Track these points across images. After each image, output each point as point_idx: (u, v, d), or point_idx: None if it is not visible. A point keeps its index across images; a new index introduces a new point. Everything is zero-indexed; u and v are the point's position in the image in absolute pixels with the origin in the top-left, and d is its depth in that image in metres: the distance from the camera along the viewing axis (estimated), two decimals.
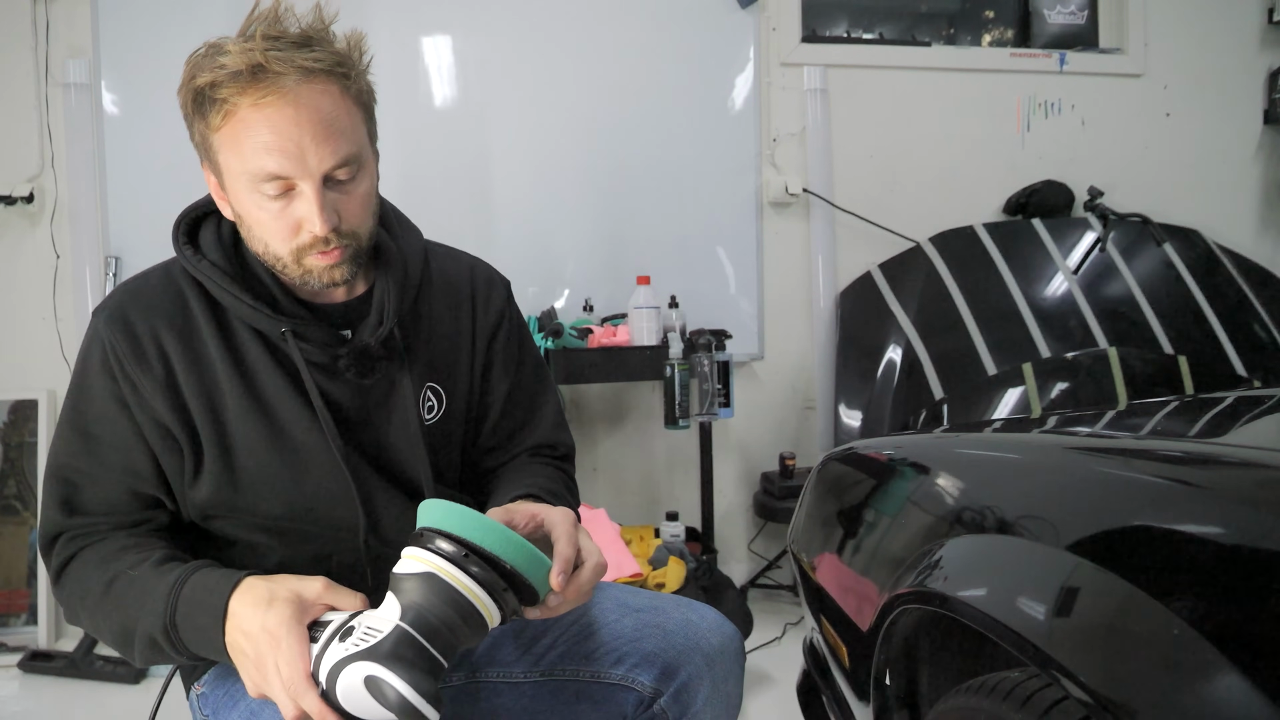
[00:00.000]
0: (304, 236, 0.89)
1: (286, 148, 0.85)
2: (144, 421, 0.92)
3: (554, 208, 2.69)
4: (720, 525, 2.81)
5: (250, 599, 0.80)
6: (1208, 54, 3.00)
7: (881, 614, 0.98)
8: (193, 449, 0.92)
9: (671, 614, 1.02)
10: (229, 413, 0.93)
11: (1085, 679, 0.65)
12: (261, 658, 0.78)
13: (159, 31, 2.50)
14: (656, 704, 0.99)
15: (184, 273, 0.95)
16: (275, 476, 0.94)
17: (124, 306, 0.93)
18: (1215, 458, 0.85)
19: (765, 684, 2.17)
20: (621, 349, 2.40)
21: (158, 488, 0.93)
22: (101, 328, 0.92)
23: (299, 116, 0.85)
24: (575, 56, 2.69)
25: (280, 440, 0.94)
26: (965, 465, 1.02)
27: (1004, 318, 2.62)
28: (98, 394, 0.92)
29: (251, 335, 0.94)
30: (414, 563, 0.78)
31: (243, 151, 0.86)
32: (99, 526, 0.91)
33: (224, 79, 0.85)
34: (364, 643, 0.76)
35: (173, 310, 0.94)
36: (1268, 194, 3.08)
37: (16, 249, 2.53)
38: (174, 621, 0.83)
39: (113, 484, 0.92)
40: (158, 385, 0.91)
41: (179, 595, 0.83)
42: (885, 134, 2.87)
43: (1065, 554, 0.74)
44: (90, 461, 0.92)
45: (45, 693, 2.24)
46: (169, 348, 0.92)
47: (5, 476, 2.51)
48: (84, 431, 0.92)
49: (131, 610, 0.84)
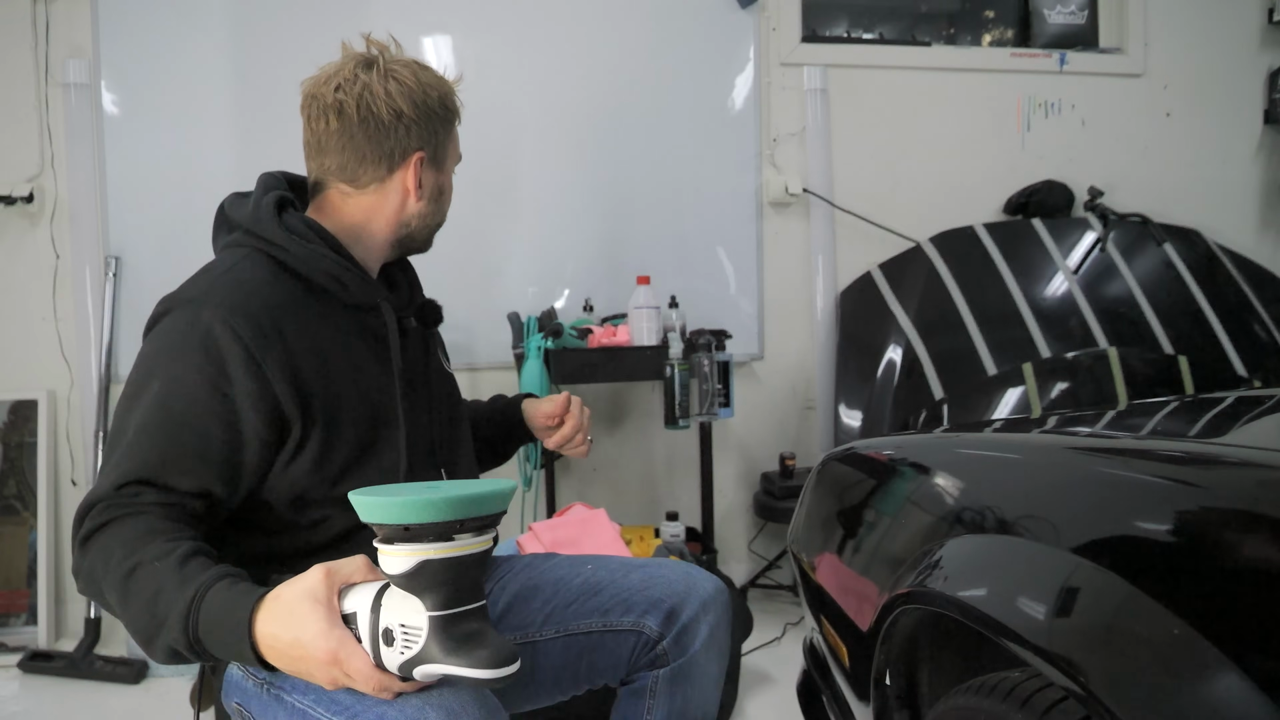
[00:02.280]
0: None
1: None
2: (246, 405, 0.94)
3: (554, 207, 2.70)
4: (720, 525, 2.81)
5: (276, 621, 0.81)
6: (1208, 54, 3.00)
7: (881, 614, 0.98)
8: (303, 423, 0.98)
9: (672, 567, 1.19)
10: (337, 376, 1.01)
11: (1085, 679, 0.66)
12: (325, 667, 0.81)
13: (159, 31, 2.50)
14: (659, 645, 1.12)
15: (266, 258, 1.03)
16: (371, 439, 1.03)
17: (231, 295, 0.97)
18: (1215, 458, 0.85)
19: (765, 684, 2.17)
20: (621, 349, 2.40)
21: (219, 476, 0.94)
22: (211, 317, 0.94)
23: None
24: (575, 56, 2.70)
25: (368, 403, 1.04)
26: (965, 465, 1.02)
27: (1004, 318, 2.62)
28: (191, 379, 0.94)
29: (340, 307, 1.05)
30: (401, 559, 0.79)
31: (456, 142, 1.17)
32: (140, 499, 0.91)
33: (455, 92, 1.15)
34: (413, 645, 0.79)
35: (279, 295, 1.00)
36: (1268, 194, 3.08)
37: (16, 249, 2.53)
38: (197, 637, 0.83)
39: (173, 465, 0.92)
40: (280, 365, 0.96)
41: (199, 612, 0.83)
42: (885, 134, 2.87)
43: (1065, 554, 0.74)
44: (159, 451, 0.92)
45: (45, 693, 2.24)
46: (289, 327, 0.98)
47: (5, 476, 2.51)
48: (165, 421, 0.93)
49: (152, 615, 0.85)
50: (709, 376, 2.30)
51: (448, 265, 1.51)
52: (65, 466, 2.56)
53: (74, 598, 2.54)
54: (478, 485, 0.83)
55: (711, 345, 2.33)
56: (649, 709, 1.14)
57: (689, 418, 2.31)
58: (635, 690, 1.15)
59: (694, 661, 1.14)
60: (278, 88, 2.56)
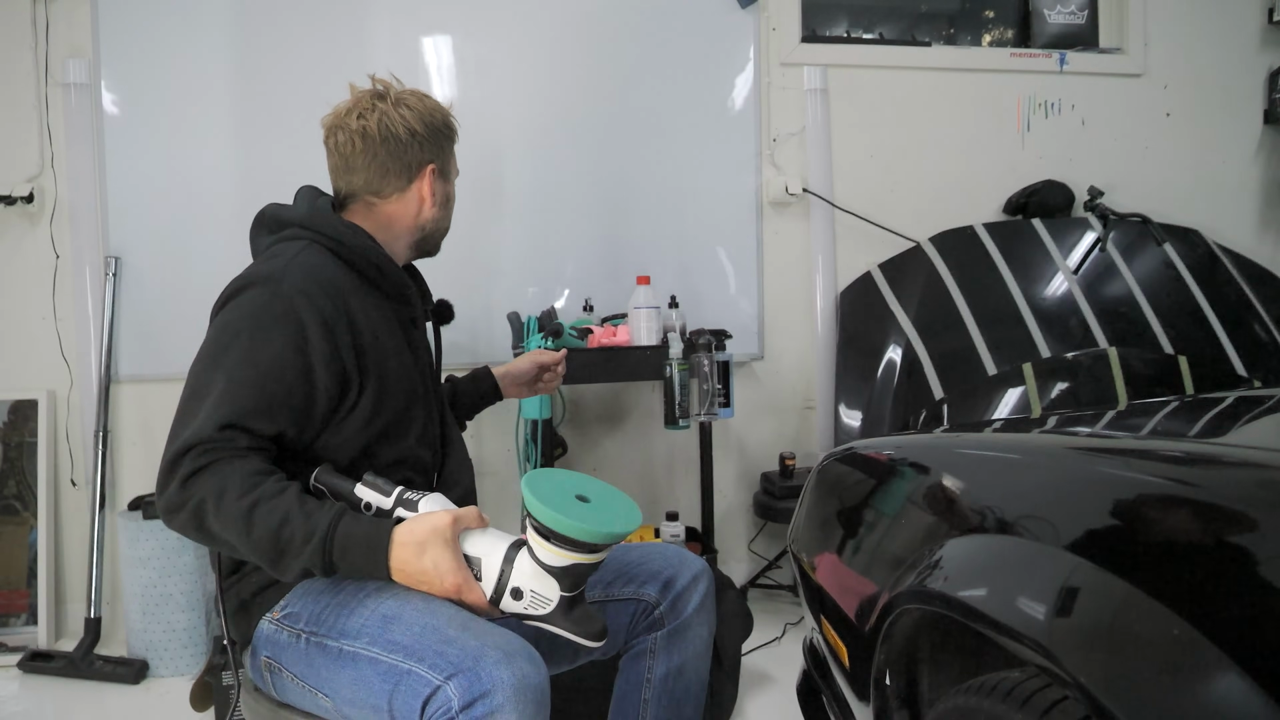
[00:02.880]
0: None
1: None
2: (320, 364, 1.13)
3: (554, 208, 2.70)
4: (720, 525, 2.81)
5: (409, 550, 1.02)
6: (1208, 54, 3.00)
7: (881, 614, 0.98)
8: (359, 385, 1.17)
9: (664, 547, 1.37)
10: (385, 351, 1.22)
11: (1085, 679, 0.66)
12: (447, 593, 1.04)
13: (159, 31, 2.50)
14: (657, 610, 1.27)
15: (323, 249, 1.21)
16: (402, 394, 1.24)
17: (305, 275, 1.16)
18: (1215, 458, 0.85)
19: (765, 684, 2.17)
20: (621, 349, 2.40)
21: (294, 422, 1.12)
22: (291, 291, 1.13)
23: None
24: (575, 56, 2.70)
25: (407, 378, 1.25)
26: (965, 465, 1.03)
27: (1004, 318, 2.62)
28: (280, 349, 1.11)
29: (382, 295, 1.26)
30: (556, 557, 1.03)
31: (456, 159, 1.37)
32: (236, 443, 1.06)
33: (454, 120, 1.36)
34: (541, 608, 1.04)
35: (340, 278, 1.20)
36: (1268, 194, 3.08)
37: (16, 249, 2.53)
38: (332, 563, 1.02)
39: (261, 412, 1.08)
40: (347, 332, 1.16)
41: (333, 540, 1.02)
42: (885, 134, 2.87)
43: (1065, 554, 0.74)
44: (250, 391, 1.08)
45: (45, 693, 2.24)
46: (352, 309, 1.18)
47: (5, 476, 2.51)
48: (257, 377, 1.09)
49: (279, 540, 1.02)
50: (709, 376, 2.30)
51: (448, 265, 1.52)
52: (65, 466, 2.56)
53: (74, 598, 2.54)
54: (620, 519, 1.06)
55: (711, 345, 2.33)
56: (649, 668, 1.27)
57: (689, 418, 2.30)
58: (635, 653, 1.29)
59: (688, 624, 1.28)
60: (278, 88, 2.57)
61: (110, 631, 2.49)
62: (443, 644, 1.01)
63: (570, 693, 1.84)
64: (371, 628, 1.06)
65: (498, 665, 0.97)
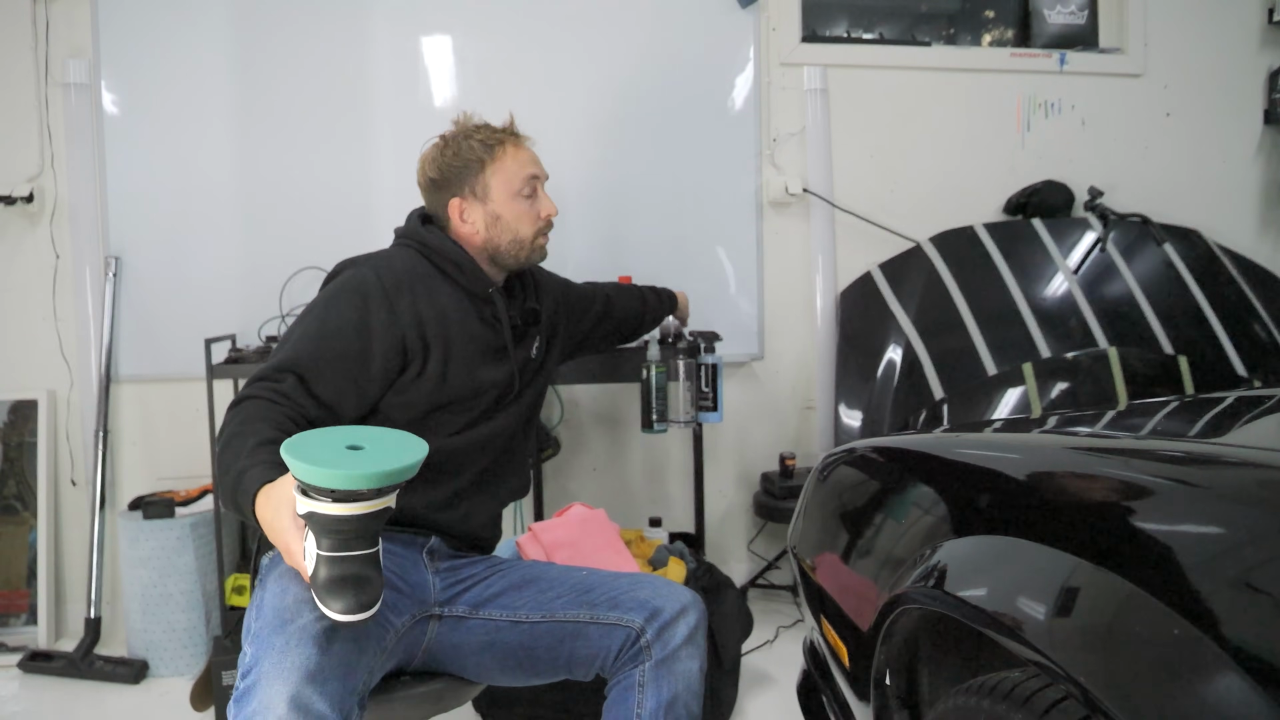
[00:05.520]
0: (541, 221, 1.51)
1: (537, 165, 1.53)
2: (380, 339, 1.33)
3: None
4: (720, 525, 2.82)
5: (266, 511, 1.06)
6: (1208, 54, 3.00)
7: (881, 614, 0.98)
8: (422, 356, 1.37)
9: (656, 578, 1.37)
10: (452, 334, 1.40)
11: (1085, 679, 0.65)
12: (282, 551, 1.06)
13: (159, 31, 2.50)
14: (642, 639, 1.26)
15: (412, 249, 1.45)
16: (473, 375, 1.41)
17: (379, 264, 1.39)
18: (1215, 458, 0.85)
19: (765, 684, 2.17)
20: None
21: (348, 375, 1.30)
22: (366, 273, 1.36)
23: (533, 153, 1.53)
24: (575, 56, 2.70)
25: (476, 353, 1.43)
26: (965, 465, 1.02)
27: (1004, 318, 2.62)
28: (345, 311, 1.33)
29: (463, 292, 1.44)
30: (302, 503, 0.97)
31: (509, 173, 1.48)
32: (280, 387, 1.23)
33: (496, 140, 1.49)
34: (310, 567, 0.99)
35: (412, 269, 1.41)
36: (1268, 194, 3.08)
37: (16, 249, 2.53)
38: (237, 504, 1.11)
39: (317, 373, 1.27)
40: (409, 311, 1.36)
41: (238, 483, 1.10)
42: (885, 134, 2.87)
43: (1065, 554, 0.74)
44: (311, 351, 1.28)
45: (45, 693, 2.24)
46: (417, 290, 1.39)
47: (5, 476, 2.51)
48: (320, 332, 1.31)
49: (224, 476, 1.13)
50: (693, 380, 2.23)
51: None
52: (65, 466, 2.56)
53: (74, 597, 2.54)
54: (371, 460, 0.96)
55: (697, 348, 2.26)
56: (639, 702, 1.25)
57: (665, 422, 2.24)
58: (624, 687, 1.26)
59: (676, 655, 1.26)
60: (278, 88, 2.57)
61: (110, 631, 2.49)
62: (290, 581, 1.11)
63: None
64: (270, 590, 1.15)
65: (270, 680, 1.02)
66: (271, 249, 2.52)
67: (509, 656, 1.32)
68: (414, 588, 1.32)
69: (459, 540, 1.44)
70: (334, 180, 2.58)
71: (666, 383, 2.20)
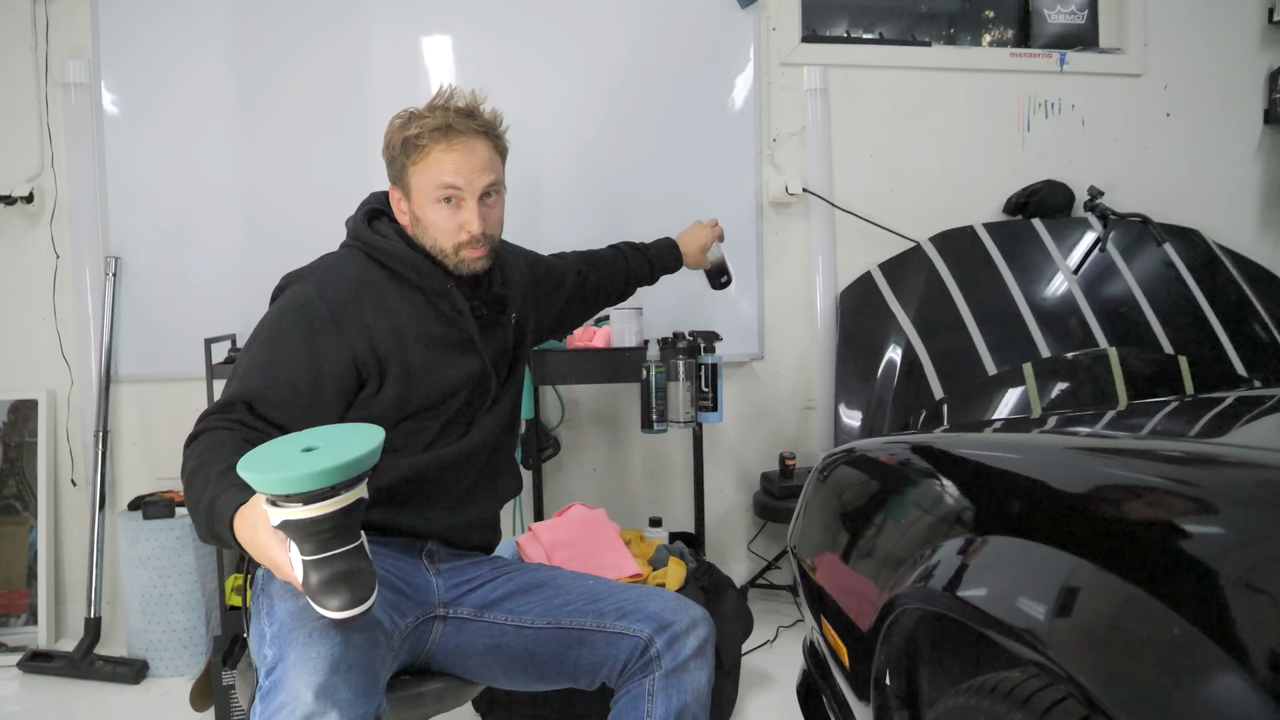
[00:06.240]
0: (462, 235, 1.36)
1: (460, 174, 1.35)
2: (330, 360, 1.27)
3: (553, 207, 2.70)
4: (720, 525, 2.82)
5: (244, 529, 1.05)
6: (1208, 54, 3.00)
7: (881, 614, 0.98)
8: (378, 371, 1.31)
9: (665, 591, 1.34)
10: (409, 341, 1.33)
11: (1085, 679, 0.65)
12: (270, 568, 1.04)
13: (159, 31, 2.50)
14: (651, 649, 1.24)
15: (360, 253, 1.38)
16: (438, 378, 1.35)
17: (324, 276, 1.33)
18: (1215, 458, 0.85)
19: (765, 684, 2.17)
20: (600, 351, 2.38)
21: (300, 402, 1.25)
22: (309, 291, 1.30)
23: (470, 157, 1.36)
24: (575, 57, 2.69)
25: (439, 354, 1.36)
26: (965, 465, 1.02)
27: (1004, 318, 2.62)
28: (291, 336, 1.27)
29: (417, 291, 1.36)
30: (274, 515, 0.98)
31: (427, 176, 1.35)
32: (232, 417, 1.20)
33: (424, 132, 1.34)
34: (300, 575, 0.98)
35: (359, 277, 1.34)
36: (1268, 194, 3.08)
37: (16, 249, 2.53)
38: (214, 532, 1.09)
39: (269, 405, 1.23)
40: (356, 326, 1.30)
41: (211, 512, 1.08)
42: (885, 134, 2.87)
43: (1065, 554, 0.74)
44: (260, 384, 1.24)
45: (45, 693, 2.24)
46: (365, 301, 1.32)
47: (5, 476, 2.51)
48: (269, 360, 1.26)
49: (195, 506, 1.11)
50: (693, 379, 2.23)
51: None
52: (65, 466, 2.56)
53: (74, 597, 2.55)
54: (320, 459, 0.96)
55: (697, 348, 2.27)
56: (648, 711, 1.23)
57: (665, 422, 2.24)
58: (634, 695, 1.25)
59: (686, 666, 1.24)
60: (278, 87, 2.57)
61: (110, 631, 2.49)
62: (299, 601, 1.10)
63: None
64: (278, 605, 1.15)
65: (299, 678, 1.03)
66: (271, 249, 2.52)
67: (513, 661, 1.32)
68: (416, 589, 1.32)
69: (459, 545, 1.45)
70: (334, 180, 2.57)
71: (666, 383, 2.20)
